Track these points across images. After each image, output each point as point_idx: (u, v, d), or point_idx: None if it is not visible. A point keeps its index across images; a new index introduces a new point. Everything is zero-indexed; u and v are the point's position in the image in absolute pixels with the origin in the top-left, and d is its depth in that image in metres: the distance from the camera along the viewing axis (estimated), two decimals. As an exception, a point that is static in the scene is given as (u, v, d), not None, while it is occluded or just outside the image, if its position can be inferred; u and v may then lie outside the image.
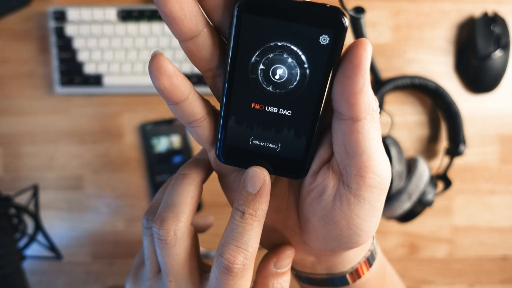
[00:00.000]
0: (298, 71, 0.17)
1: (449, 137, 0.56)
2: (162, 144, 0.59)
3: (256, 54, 0.17)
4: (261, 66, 0.17)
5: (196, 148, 0.59)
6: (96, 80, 0.57)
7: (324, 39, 0.16)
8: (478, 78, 0.56)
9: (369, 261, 0.24)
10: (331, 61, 0.17)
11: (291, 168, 0.20)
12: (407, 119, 0.59)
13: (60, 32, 0.57)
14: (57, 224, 0.61)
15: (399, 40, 0.58)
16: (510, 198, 0.59)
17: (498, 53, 0.54)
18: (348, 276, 0.24)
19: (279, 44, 0.17)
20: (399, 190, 0.50)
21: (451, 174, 0.59)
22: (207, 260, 0.60)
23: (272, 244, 0.24)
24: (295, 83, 0.18)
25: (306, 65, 0.17)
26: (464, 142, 0.54)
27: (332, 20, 0.16)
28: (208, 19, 0.18)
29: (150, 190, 0.60)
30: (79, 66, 0.58)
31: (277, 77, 0.18)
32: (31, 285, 0.61)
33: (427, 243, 0.60)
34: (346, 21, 0.16)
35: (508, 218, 0.59)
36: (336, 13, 0.16)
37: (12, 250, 0.44)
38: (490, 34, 0.54)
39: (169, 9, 0.16)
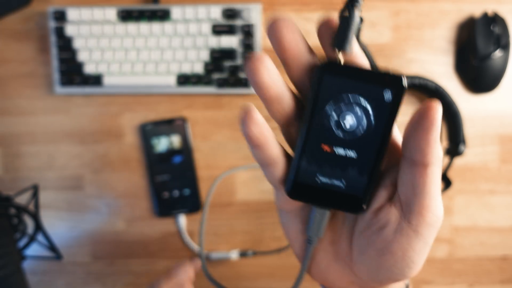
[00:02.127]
0: (365, 121, 0.21)
1: (449, 137, 0.56)
2: (162, 144, 0.59)
3: (330, 106, 0.21)
4: (334, 116, 0.21)
5: (196, 148, 0.59)
6: (96, 80, 0.57)
7: (388, 97, 0.21)
8: (478, 78, 0.56)
9: None
10: (392, 114, 0.21)
11: (352, 204, 0.23)
12: (407, 119, 0.59)
13: (60, 32, 0.57)
14: (57, 224, 0.61)
15: (399, 40, 0.58)
16: (510, 198, 0.59)
17: (498, 53, 0.54)
18: None
19: (350, 98, 0.21)
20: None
21: (451, 174, 0.59)
22: (209, 262, 0.60)
23: (324, 276, 0.25)
24: (362, 131, 0.21)
25: (372, 117, 0.21)
26: (464, 142, 0.54)
27: (394, 82, 0.20)
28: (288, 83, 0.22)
29: (150, 190, 0.60)
30: (79, 66, 0.58)
31: (347, 125, 0.21)
32: (31, 285, 0.61)
33: (427, 243, 0.60)
34: (405, 84, 0.20)
35: (508, 218, 0.59)
36: (397, 78, 0.20)
37: (12, 250, 0.44)
38: (490, 34, 0.54)
39: (261, 80, 0.20)
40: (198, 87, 0.58)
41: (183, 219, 0.60)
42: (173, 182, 0.59)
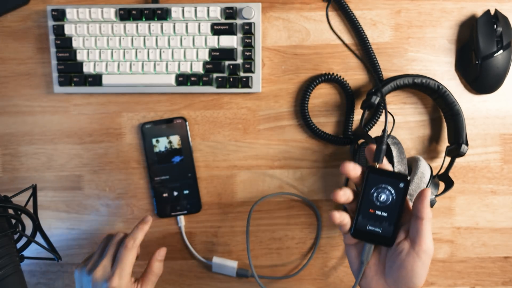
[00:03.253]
0: (391, 197, 0.40)
1: (450, 137, 0.56)
2: (161, 144, 0.59)
3: (373, 189, 0.40)
4: (375, 194, 0.40)
5: (196, 148, 0.59)
6: (95, 79, 0.57)
7: (401, 185, 0.40)
8: (480, 77, 0.55)
9: None
10: (404, 193, 0.40)
11: (386, 241, 0.41)
12: (409, 119, 0.58)
13: (58, 31, 0.57)
14: (56, 225, 0.60)
15: (400, 39, 0.58)
16: (512, 198, 0.58)
17: (500, 53, 0.53)
18: None
19: (382, 186, 0.40)
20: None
21: (452, 175, 0.58)
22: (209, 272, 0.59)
23: (368, 285, 0.42)
24: (389, 202, 0.40)
25: (394, 195, 0.40)
26: (466, 142, 0.53)
27: (404, 178, 0.40)
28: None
29: (150, 190, 0.60)
30: (78, 65, 0.57)
31: (381, 199, 0.40)
32: (29, 287, 0.61)
33: (428, 244, 0.59)
34: (409, 180, 0.40)
35: (511, 219, 0.59)
36: (405, 176, 0.40)
37: (11, 251, 0.43)
38: (492, 33, 0.54)
39: (338, 200, 0.41)
40: (198, 87, 0.57)
41: (182, 220, 0.59)
42: (173, 182, 0.59)
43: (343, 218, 0.41)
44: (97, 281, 0.46)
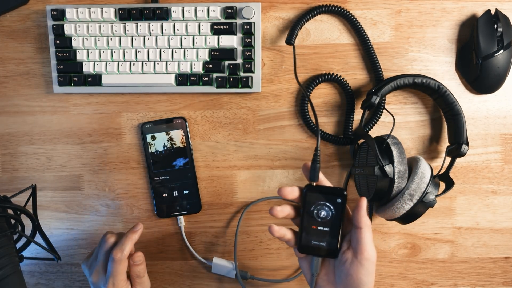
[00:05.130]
0: (330, 213, 0.42)
1: (451, 137, 0.55)
2: (161, 144, 0.59)
3: (313, 207, 0.42)
4: (315, 211, 0.42)
5: (196, 148, 0.59)
6: (94, 79, 0.57)
7: (339, 200, 0.42)
8: (481, 77, 0.55)
9: None
10: (342, 207, 0.42)
11: (331, 253, 0.42)
12: (409, 119, 0.58)
13: (58, 31, 0.57)
14: (56, 225, 0.60)
15: (400, 39, 0.58)
16: (513, 198, 0.58)
17: (501, 52, 0.53)
18: None
19: (321, 203, 0.42)
20: (400, 191, 0.49)
21: (453, 175, 0.58)
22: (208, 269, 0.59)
23: None
24: (329, 217, 0.42)
25: (333, 210, 0.42)
26: (466, 142, 0.53)
27: (341, 193, 0.42)
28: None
29: (150, 190, 0.59)
30: (77, 65, 0.57)
31: (322, 215, 0.42)
32: (29, 287, 0.61)
33: (429, 244, 0.59)
34: (346, 193, 0.42)
35: (511, 219, 0.59)
36: (342, 190, 0.42)
37: (10, 251, 0.43)
38: (492, 33, 0.53)
39: (276, 215, 0.42)
40: (198, 87, 0.57)
41: (182, 220, 0.59)
42: (173, 182, 0.59)
43: (283, 233, 0.42)
44: (95, 283, 0.50)
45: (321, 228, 0.42)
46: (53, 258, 0.49)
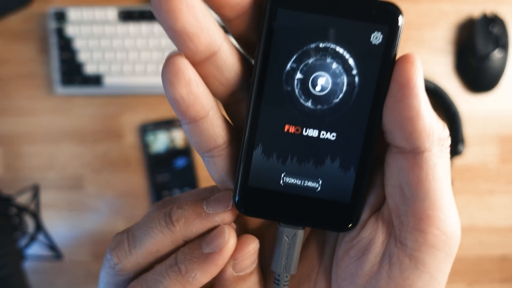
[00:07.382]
0: (345, 80, 0.13)
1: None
2: (162, 144, 0.59)
3: (292, 60, 0.13)
4: (299, 75, 0.13)
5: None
6: (96, 80, 0.58)
7: (377, 38, 0.13)
8: (477, 78, 0.56)
9: None
10: (385, 65, 0.13)
11: (335, 216, 0.14)
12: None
13: (60, 33, 0.57)
14: (58, 224, 0.61)
15: (398, 41, 0.58)
16: (509, 198, 0.59)
17: (497, 53, 0.54)
18: None
19: (321, 45, 0.13)
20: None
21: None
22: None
23: None
24: (341, 96, 0.13)
25: (354, 72, 0.13)
26: (463, 142, 0.54)
27: (386, 13, 0.13)
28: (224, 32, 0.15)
29: (151, 190, 0.60)
30: (79, 66, 0.58)
31: (318, 88, 0.14)
32: (31, 285, 0.61)
33: (426, 243, 0.60)
34: (402, 15, 0.14)
35: (508, 218, 0.59)
36: (390, 5, 0.13)
37: (13, 249, 0.44)
38: (489, 35, 0.54)
39: (181, 24, 0.13)
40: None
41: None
42: (174, 182, 0.59)
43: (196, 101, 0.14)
44: None
45: (314, 134, 0.14)
46: (55, 256, 0.50)
